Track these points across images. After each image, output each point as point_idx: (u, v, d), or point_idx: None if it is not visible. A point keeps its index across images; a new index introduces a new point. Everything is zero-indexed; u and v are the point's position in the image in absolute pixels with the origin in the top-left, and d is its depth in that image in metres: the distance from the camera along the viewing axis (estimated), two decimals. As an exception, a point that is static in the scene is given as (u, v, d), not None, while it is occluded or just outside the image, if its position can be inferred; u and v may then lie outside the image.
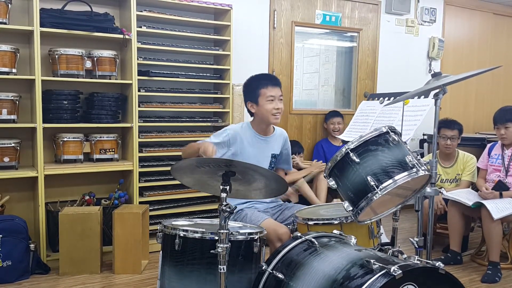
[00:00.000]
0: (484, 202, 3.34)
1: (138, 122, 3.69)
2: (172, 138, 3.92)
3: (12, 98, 3.29)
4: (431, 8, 5.61)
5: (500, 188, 3.44)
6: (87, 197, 3.61)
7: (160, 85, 3.93)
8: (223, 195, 1.87)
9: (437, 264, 1.69)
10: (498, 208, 3.29)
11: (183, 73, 3.98)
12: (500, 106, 3.85)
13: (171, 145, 3.94)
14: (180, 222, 2.34)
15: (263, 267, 1.99)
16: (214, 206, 4.01)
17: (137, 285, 3.12)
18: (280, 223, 2.62)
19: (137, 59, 3.64)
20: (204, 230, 2.05)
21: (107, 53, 3.59)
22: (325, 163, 4.36)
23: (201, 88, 4.17)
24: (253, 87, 2.71)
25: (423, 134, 5.21)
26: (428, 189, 2.22)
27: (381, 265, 1.65)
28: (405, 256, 1.87)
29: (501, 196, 3.41)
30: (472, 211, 3.48)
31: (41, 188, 3.33)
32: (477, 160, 3.88)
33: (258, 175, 1.99)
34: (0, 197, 3.36)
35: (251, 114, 2.79)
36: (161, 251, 2.17)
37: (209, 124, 4.10)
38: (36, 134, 3.34)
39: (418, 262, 1.73)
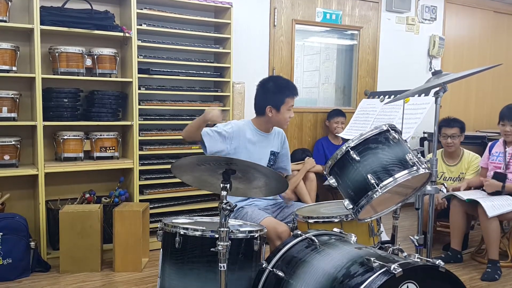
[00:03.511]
0: (479, 200, 3.34)
1: (139, 120, 3.69)
2: (173, 136, 3.92)
3: (13, 96, 3.29)
4: (431, 6, 5.60)
5: (499, 178, 3.44)
6: (87, 195, 3.62)
7: (160, 83, 3.93)
8: (224, 193, 1.87)
9: (437, 262, 1.69)
10: (493, 206, 3.30)
11: (183, 71, 3.97)
12: (501, 104, 3.85)
13: (171, 143, 3.94)
14: (181, 220, 2.34)
15: (263, 265, 1.99)
16: (214, 204, 4.01)
17: (137, 283, 3.13)
18: (280, 221, 2.62)
19: (138, 57, 3.64)
20: (204, 228, 2.05)
21: (107, 51, 3.58)
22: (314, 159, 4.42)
23: (201, 86, 4.16)
24: (278, 93, 2.69)
25: (424, 132, 5.21)
26: (428, 187, 2.23)
27: (381, 263, 1.65)
28: (405, 254, 1.87)
29: (503, 188, 3.41)
30: (473, 209, 3.48)
31: (42, 186, 3.33)
32: (479, 158, 3.89)
33: (258, 174, 1.99)
34: (0, 195, 3.36)
35: (260, 113, 2.77)
36: (161, 249, 2.17)
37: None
38: (37, 132, 3.33)
39: (418, 260, 1.73)
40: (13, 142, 3.32)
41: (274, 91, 2.70)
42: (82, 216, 3.25)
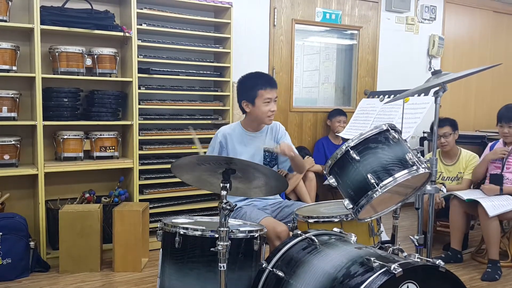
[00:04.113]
0: (479, 199, 3.34)
1: (138, 120, 3.68)
2: (172, 136, 3.92)
3: (13, 95, 3.29)
4: (431, 5, 5.60)
5: (495, 180, 3.45)
6: (87, 195, 3.61)
7: (160, 82, 3.93)
8: (223, 192, 1.87)
9: (437, 262, 1.69)
10: (494, 205, 3.30)
11: (183, 70, 3.97)
12: (500, 104, 3.83)
13: (171, 143, 3.94)
14: (180, 220, 2.34)
15: (263, 265, 1.99)
16: (214, 204, 4.01)
17: (137, 283, 3.12)
18: (280, 221, 2.62)
19: (137, 57, 3.64)
20: (204, 228, 2.05)
21: (107, 51, 3.58)
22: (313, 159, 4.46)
23: (201, 86, 4.16)
24: (250, 87, 2.68)
25: (423, 132, 5.21)
26: (428, 187, 2.23)
27: (381, 263, 1.65)
28: (405, 254, 1.87)
29: (501, 191, 3.42)
30: (473, 209, 3.48)
31: (41, 185, 3.33)
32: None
33: (258, 173, 1.99)
34: (0, 195, 3.36)
35: (244, 112, 2.78)
36: (161, 249, 2.17)
37: (209, 121, 4.10)
38: (36, 131, 3.33)
39: (418, 260, 1.73)
40: (13, 142, 3.32)
41: (248, 86, 2.70)
42: (82, 216, 3.25)
